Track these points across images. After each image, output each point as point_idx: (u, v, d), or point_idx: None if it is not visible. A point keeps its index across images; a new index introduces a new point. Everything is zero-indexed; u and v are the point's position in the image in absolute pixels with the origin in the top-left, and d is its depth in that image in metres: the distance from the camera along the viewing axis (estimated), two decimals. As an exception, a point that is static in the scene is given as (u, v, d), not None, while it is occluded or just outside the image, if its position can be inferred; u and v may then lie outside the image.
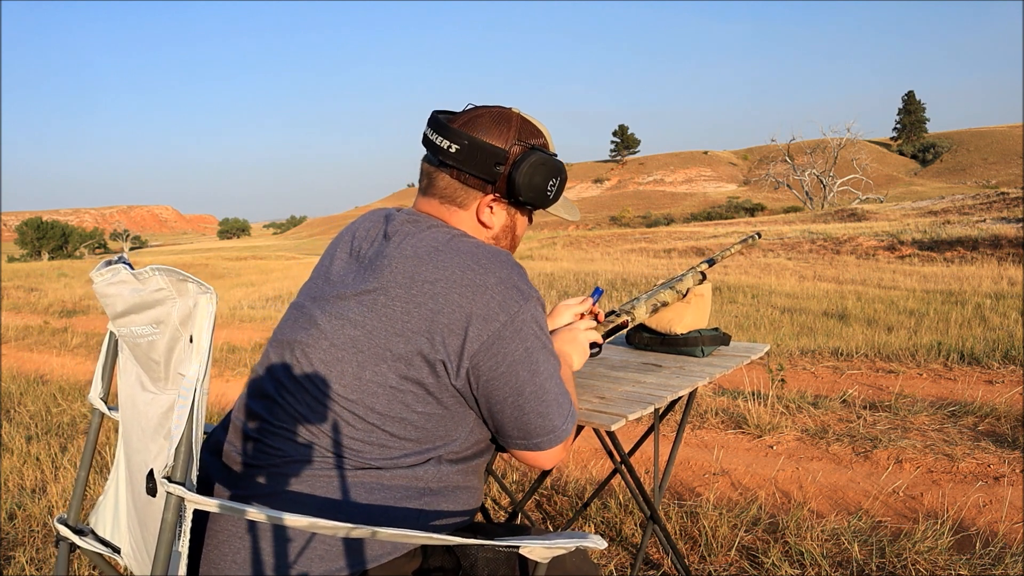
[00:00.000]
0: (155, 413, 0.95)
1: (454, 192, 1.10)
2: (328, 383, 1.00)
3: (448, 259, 1.00)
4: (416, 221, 1.08)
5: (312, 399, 1.01)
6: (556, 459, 1.07)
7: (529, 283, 1.04)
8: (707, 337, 1.73)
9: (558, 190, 1.14)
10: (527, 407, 1.02)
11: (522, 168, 1.08)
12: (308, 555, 0.95)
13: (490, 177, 1.08)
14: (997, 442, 2.98)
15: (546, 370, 1.03)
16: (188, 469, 0.86)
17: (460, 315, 0.97)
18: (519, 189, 1.08)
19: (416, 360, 0.97)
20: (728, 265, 13.30)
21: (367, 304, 1.01)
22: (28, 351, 7.41)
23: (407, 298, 0.99)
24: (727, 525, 2.22)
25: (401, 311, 0.98)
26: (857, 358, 4.82)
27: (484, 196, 1.10)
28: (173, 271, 0.88)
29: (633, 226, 48.25)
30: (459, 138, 1.06)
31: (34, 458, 3.22)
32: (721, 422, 3.49)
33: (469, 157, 1.07)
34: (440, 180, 1.10)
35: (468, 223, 1.12)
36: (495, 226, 1.13)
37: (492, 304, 0.98)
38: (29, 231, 60.45)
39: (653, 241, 20.99)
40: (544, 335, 1.04)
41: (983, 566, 1.97)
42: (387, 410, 0.99)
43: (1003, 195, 22.29)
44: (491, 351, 0.98)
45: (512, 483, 2.77)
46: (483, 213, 1.11)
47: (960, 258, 13.19)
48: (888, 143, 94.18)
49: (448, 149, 1.07)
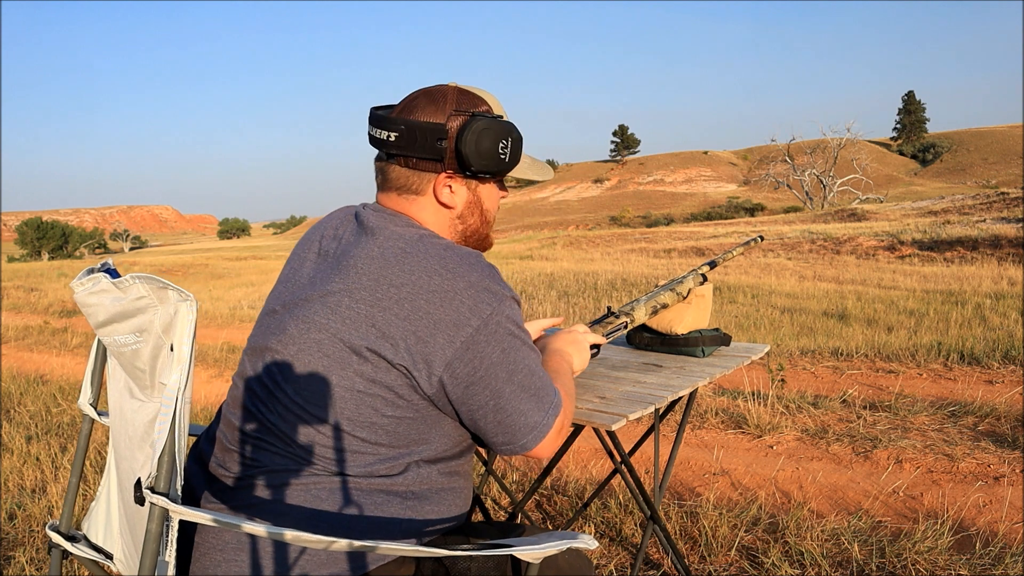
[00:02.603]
0: (142, 421, 0.94)
1: (407, 180, 1.07)
2: (296, 390, 0.98)
3: (415, 262, 0.97)
4: (383, 219, 1.05)
5: (283, 407, 0.99)
6: (549, 449, 1.04)
7: (502, 282, 1.01)
8: (707, 337, 1.73)
9: (513, 151, 1.08)
10: (508, 408, 0.99)
11: (466, 137, 1.03)
12: (295, 566, 0.94)
13: (436, 155, 1.04)
14: (997, 442, 2.98)
15: (525, 367, 1.00)
16: (172, 479, 0.85)
17: (427, 322, 0.94)
18: (469, 159, 1.03)
19: (381, 364, 0.95)
20: (728, 265, 13.30)
21: (331, 306, 0.98)
22: (28, 351, 7.41)
23: (372, 301, 0.96)
24: (727, 525, 2.22)
25: (365, 314, 0.95)
26: (857, 358, 4.82)
27: (437, 176, 1.06)
28: (153, 279, 0.86)
29: (633, 226, 48.25)
30: (396, 125, 1.04)
31: (34, 458, 3.22)
32: (721, 422, 3.49)
33: (410, 141, 1.03)
34: (392, 172, 1.07)
35: (430, 208, 1.08)
36: (458, 205, 1.09)
37: (463, 310, 0.95)
38: (29, 231, 60.46)
39: (653, 241, 20.99)
40: (521, 332, 1.01)
41: (983, 566, 1.97)
42: (356, 415, 0.96)
43: (1003, 195, 22.30)
44: (466, 357, 0.95)
45: (512, 483, 2.77)
46: (441, 194, 1.07)
47: (960, 258, 13.19)
48: (888, 143, 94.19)
49: (389, 139, 1.04)
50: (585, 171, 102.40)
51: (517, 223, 74.62)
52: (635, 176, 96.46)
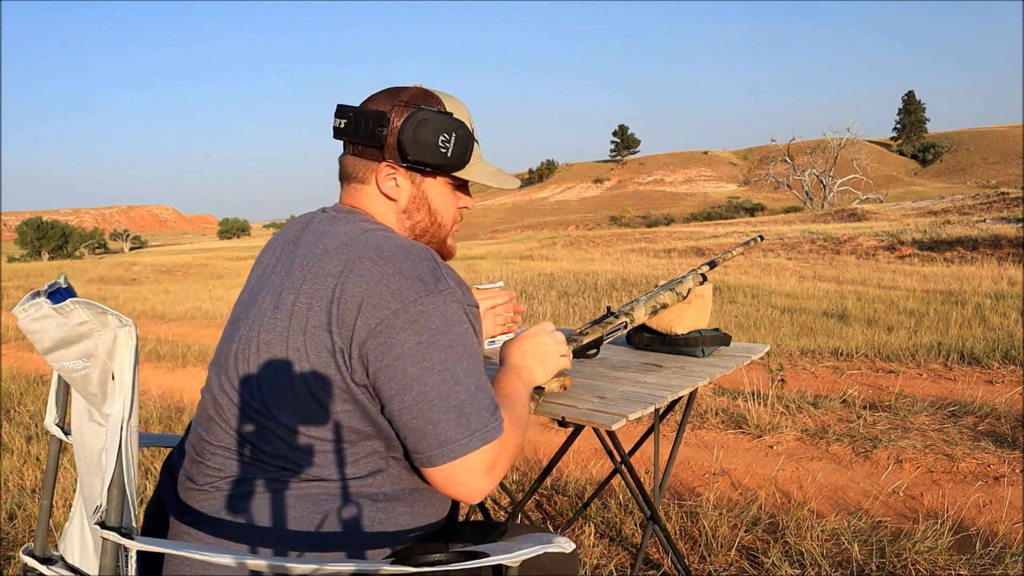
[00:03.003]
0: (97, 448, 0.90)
1: (354, 168, 1.08)
2: (253, 394, 0.97)
3: (352, 251, 0.96)
4: (335, 218, 1.05)
5: (243, 413, 0.98)
6: (470, 482, 0.92)
7: (445, 278, 0.96)
8: (707, 337, 1.73)
9: (458, 149, 1.06)
10: (416, 410, 0.91)
11: (406, 127, 1.03)
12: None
13: (376, 142, 1.04)
14: (997, 442, 2.98)
15: (447, 371, 0.92)
16: (123, 512, 0.82)
17: (353, 304, 0.92)
18: (406, 148, 1.03)
19: (324, 356, 0.93)
20: (728, 265, 13.30)
21: (278, 306, 0.98)
22: (28, 351, 7.41)
23: (311, 293, 0.95)
24: (727, 525, 2.22)
25: (306, 307, 0.95)
26: (857, 358, 4.82)
27: (379, 165, 1.06)
28: (93, 304, 0.84)
29: (633, 226, 48.27)
30: (347, 113, 1.06)
31: (34, 458, 3.22)
32: (721, 422, 3.49)
33: (356, 127, 1.05)
34: (345, 161, 1.09)
35: (375, 199, 1.08)
36: (401, 198, 1.08)
37: (385, 293, 0.92)
38: (29, 231, 60.46)
39: (653, 241, 20.99)
40: (452, 333, 0.93)
41: (983, 566, 1.97)
42: (311, 415, 0.95)
43: (1003, 195, 22.30)
44: (377, 340, 0.91)
45: (512, 483, 2.77)
46: (384, 184, 1.07)
47: (960, 258, 13.19)
48: (888, 143, 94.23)
49: (340, 126, 1.06)
50: (585, 171, 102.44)
51: (517, 223, 74.64)
52: (635, 176, 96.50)
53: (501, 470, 0.94)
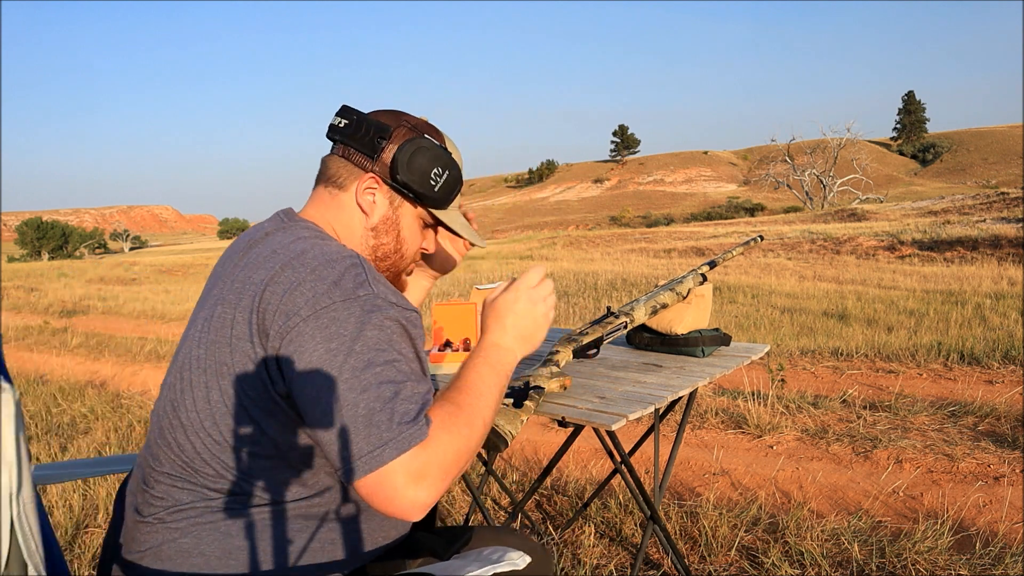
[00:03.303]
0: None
1: (337, 171, 1.05)
2: (189, 414, 0.93)
3: (278, 259, 0.93)
4: (280, 227, 1.01)
5: (184, 436, 0.93)
6: (396, 500, 0.81)
7: (369, 283, 0.90)
8: (707, 337, 1.73)
9: (446, 187, 1.05)
10: (325, 420, 0.84)
11: (405, 147, 1.01)
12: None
13: (371, 151, 1.02)
14: (997, 442, 2.98)
15: (354, 378, 0.83)
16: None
17: (270, 312, 0.88)
18: (398, 167, 1.01)
19: (249, 368, 0.89)
20: (728, 265, 13.30)
21: (208, 319, 0.94)
22: (28, 351, 7.41)
23: (236, 303, 0.92)
24: (727, 525, 2.22)
25: (231, 319, 0.91)
26: (857, 358, 4.82)
27: (363, 175, 1.03)
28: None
29: (633, 226, 48.28)
30: (351, 115, 1.04)
31: (34, 458, 3.22)
32: (721, 422, 3.49)
33: (355, 131, 1.03)
34: (329, 161, 1.06)
35: (347, 208, 1.04)
36: (374, 214, 1.05)
37: (299, 300, 0.87)
38: (29, 231, 60.47)
39: (653, 241, 20.99)
40: (365, 339, 0.85)
41: (983, 566, 1.97)
42: (245, 432, 0.90)
43: (1003, 195, 22.30)
44: (289, 349, 0.86)
45: (512, 483, 2.77)
46: (362, 195, 1.04)
47: (960, 258, 13.19)
48: (888, 143, 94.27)
49: (340, 124, 1.04)
50: (585, 171, 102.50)
51: (517, 223, 74.66)
52: (635, 176, 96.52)
53: (437, 478, 0.82)
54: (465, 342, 1.86)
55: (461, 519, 2.41)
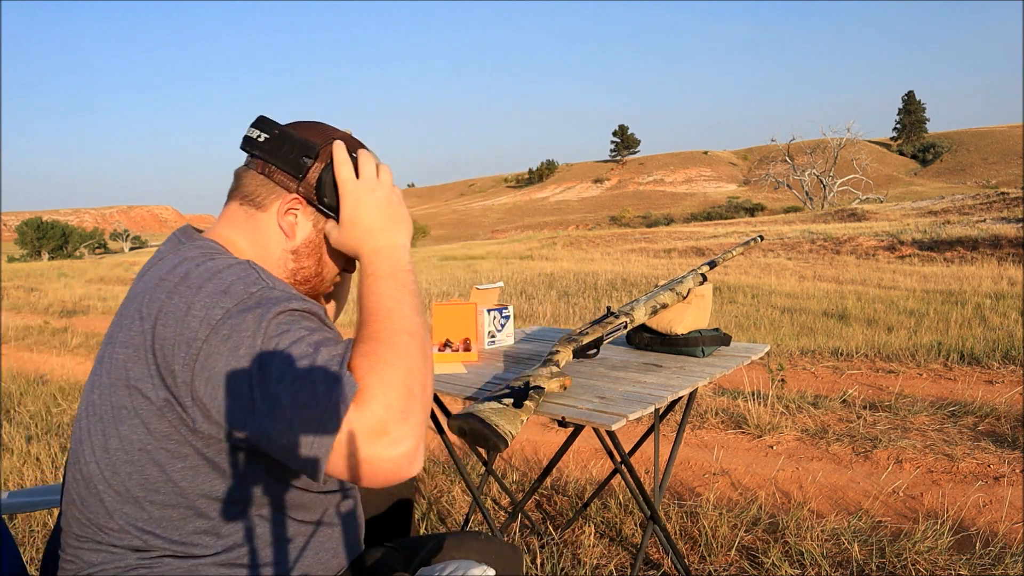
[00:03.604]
0: None
1: (256, 189, 0.95)
2: (88, 467, 0.86)
3: (164, 288, 0.83)
4: (172, 251, 0.91)
5: (85, 490, 0.86)
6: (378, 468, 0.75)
7: (263, 281, 0.84)
8: (707, 337, 1.73)
9: None
10: (262, 428, 0.76)
11: (332, 166, 0.94)
12: None
13: (296, 170, 0.93)
14: (997, 442, 2.98)
15: (270, 374, 0.76)
16: None
17: (169, 347, 0.80)
18: (325, 188, 0.93)
19: (152, 409, 0.81)
20: (728, 265, 13.30)
21: (101, 360, 0.87)
22: (28, 351, 7.41)
23: (126, 342, 0.83)
24: (727, 525, 2.22)
25: (122, 360, 0.83)
26: (857, 358, 4.82)
27: (286, 195, 0.94)
28: None
29: (633, 226, 48.29)
30: (272, 129, 0.95)
31: (34, 458, 3.22)
32: (721, 422, 3.49)
33: (277, 147, 0.94)
34: (246, 177, 0.96)
35: (265, 229, 0.95)
36: (297, 236, 0.96)
37: (193, 323, 0.79)
38: (29, 231, 60.48)
39: (653, 241, 20.98)
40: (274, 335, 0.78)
41: (983, 566, 1.97)
42: (148, 479, 0.83)
43: (1003, 195, 22.29)
44: (202, 376, 0.78)
45: (512, 483, 2.77)
46: (283, 216, 0.95)
47: (960, 258, 13.19)
48: (888, 143, 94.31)
49: (259, 139, 0.95)
50: (585, 171, 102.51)
51: (517, 223, 74.66)
52: (635, 176, 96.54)
53: (398, 420, 0.75)
54: (465, 342, 1.86)
55: (461, 519, 2.41)
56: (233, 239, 0.95)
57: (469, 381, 1.56)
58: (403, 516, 1.35)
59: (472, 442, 1.26)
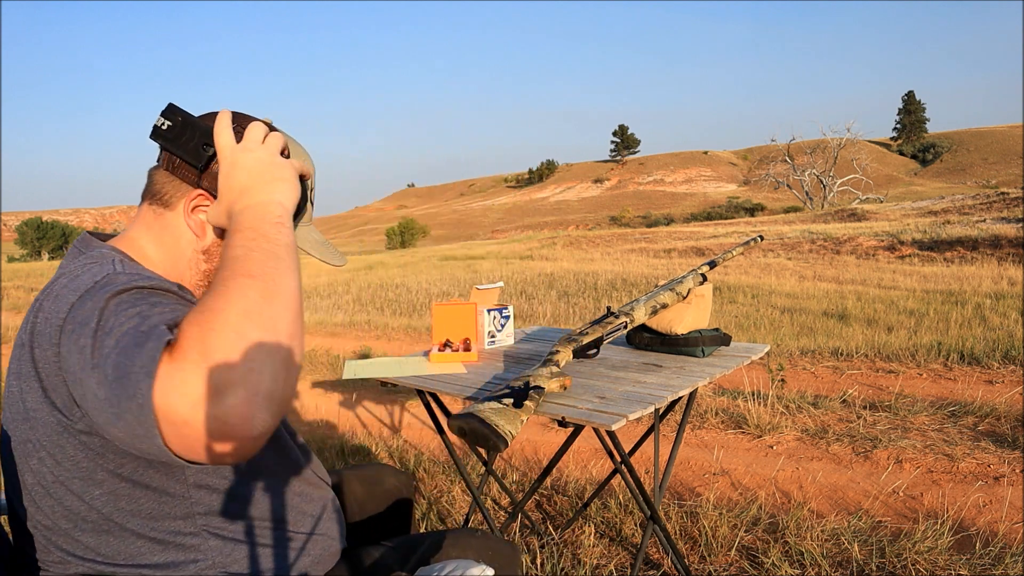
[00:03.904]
0: None
1: (162, 187, 0.89)
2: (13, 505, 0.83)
3: (34, 308, 0.79)
4: (65, 264, 0.85)
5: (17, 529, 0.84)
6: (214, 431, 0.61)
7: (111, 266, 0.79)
8: (707, 337, 1.73)
9: None
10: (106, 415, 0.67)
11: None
12: None
13: (196, 161, 0.86)
14: (997, 442, 2.98)
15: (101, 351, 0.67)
16: None
17: (48, 365, 0.75)
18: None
19: (55, 437, 0.77)
20: (728, 265, 13.30)
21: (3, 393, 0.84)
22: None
23: (17, 372, 0.79)
24: (727, 525, 2.22)
25: (18, 392, 0.78)
26: (857, 358, 4.82)
27: (191, 191, 0.88)
28: None
29: (633, 226, 48.29)
30: (175, 116, 0.86)
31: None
32: (721, 422, 3.49)
33: (178, 135, 0.86)
34: (155, 177, 0.90)
35: (174, 230, 0.89)
36: (207, 236, 0.89)
37: (50, 331, 0.74)
38: (29, 231, 60.49)
39: (653, 241, 20.98)
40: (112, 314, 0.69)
41: (983, 566, 1.97)
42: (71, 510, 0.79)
43: (1003, 195, 22.29)
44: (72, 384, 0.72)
45: (512, 483, 2.77)
46: (191, 214, 0.88)
47: (960, 258, 13.19)
48: (888, 143, 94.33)
49: (161, 127, 0.86)
50: (585, 171, 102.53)
51: (517, 223, 74.66)
52: (635, 176, 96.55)
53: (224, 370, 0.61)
54: (465, 342, 1.86)
55: (461, 519, 2.41)
56: (140, 243, 0.89)
57: (469, 381, 1.56)
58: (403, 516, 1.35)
59: (472, 442, 1.26)
